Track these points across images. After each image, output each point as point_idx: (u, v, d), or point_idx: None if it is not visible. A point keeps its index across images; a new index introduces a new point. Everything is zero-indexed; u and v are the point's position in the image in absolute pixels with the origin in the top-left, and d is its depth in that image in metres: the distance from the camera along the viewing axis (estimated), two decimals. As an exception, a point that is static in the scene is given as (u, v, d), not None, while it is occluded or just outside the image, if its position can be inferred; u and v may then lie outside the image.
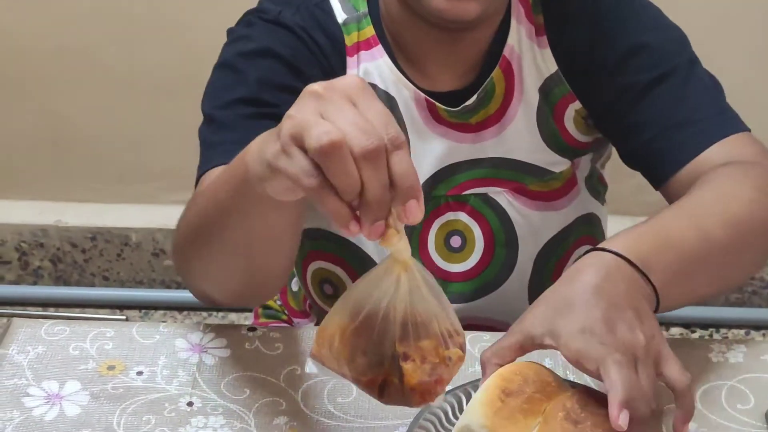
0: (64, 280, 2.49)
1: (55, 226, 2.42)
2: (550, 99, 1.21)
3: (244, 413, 1.03)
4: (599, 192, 1.34)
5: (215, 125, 1.15)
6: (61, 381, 1.06)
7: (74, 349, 1.10)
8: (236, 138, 1.11)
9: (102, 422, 1.01)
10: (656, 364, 0.88)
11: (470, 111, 1.21)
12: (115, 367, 1.08)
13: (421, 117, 1.21)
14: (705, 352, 1.11)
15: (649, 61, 1.17)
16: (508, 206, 1.26)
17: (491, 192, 1.25)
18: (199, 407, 1.03)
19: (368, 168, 0.74)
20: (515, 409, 0.87)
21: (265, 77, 1.14)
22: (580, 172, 1.29)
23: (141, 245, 2.42)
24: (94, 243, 2.43)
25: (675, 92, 1.16)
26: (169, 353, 1.10)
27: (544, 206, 1.27)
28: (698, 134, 1.14)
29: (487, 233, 1.26)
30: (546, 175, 1.25)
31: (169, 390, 1.05)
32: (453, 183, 1.24)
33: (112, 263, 2.46)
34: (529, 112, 1.22)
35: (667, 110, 1.16)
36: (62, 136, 2.37)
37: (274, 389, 1.06)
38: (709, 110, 1.16)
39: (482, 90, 1.20)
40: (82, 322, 1.15)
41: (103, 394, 1.04)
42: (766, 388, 1.07)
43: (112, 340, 1.12)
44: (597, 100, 1.21)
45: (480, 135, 1.22)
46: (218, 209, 0.97)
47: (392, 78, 1.20)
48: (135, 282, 2.48)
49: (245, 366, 1.08)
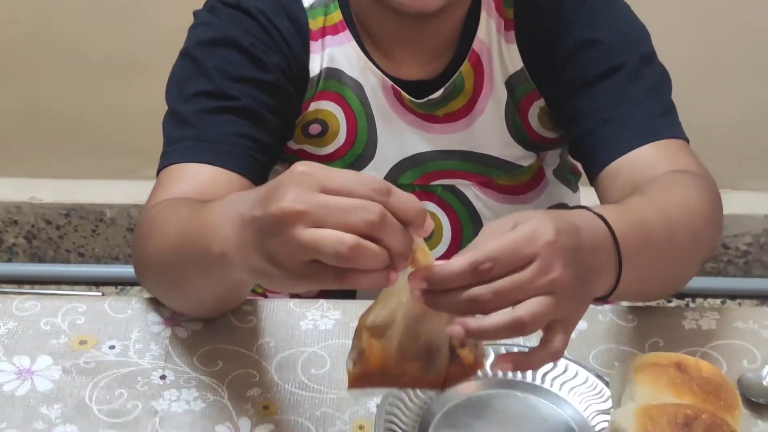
0: (39, 257, 2.47)
1: (29, 203, 2.40)
2: (516, 95, 1.21)
3: (217, 386, 1.02)
4: (570, 181, 1.34)
5: (177, 119, 1.15)
6: (33, 356, 1.05)
7: (45, 325, 1.09)
8: (196, 135, 1.12)
9: (74, 396, 1.00)
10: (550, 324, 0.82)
11: (436, 104, 1.20)
12: (87, 341, 1.07)
13: (389, 104, 1.20)
14: (678, 320, 1.12)
15: (597, 57, 1.16)
16: (475, 199, 1.26)
17: (459, 184, 1.25)
18: (172, 380, 1.03)
19: (384, 234, 0.76)
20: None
21: (223, 68, 1.14)
22: (548, 165, 1.29)
23: (116, 221, 2.40)
24: (68, 219, 2.42)
25: (618, 89, 1.15)
26: (142, 327, 1.09)
27: (512, 199, 1.27)
28: (632, 132, 1.13)
29: (455, 224, 1.26)
30: (514, 169, 1.25)
31: (141, 364, 1.05)
32: (420, 172, 1.24)
33: (87, 239, 2.44)
34: (498, 106, 1.21)
35: (606, 105, 1.15)
36: (36, 113, 2.35)
37: (247, 361, 1.05)
38: (650, 110, 1.15)
39: (450, 84, 1.19)
40: (54, 297, 1.14)
41: (75, 369, 1.04)
42: (739, 354, 1.07)
43: (84, 315, 1.11)
44: (552, 94, 1.20)
45: (449, 127, 1.22)
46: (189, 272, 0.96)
47: (359, 64, 1.19)
48: (110, 258, 2.47)
49: (218, 339, 1.08)
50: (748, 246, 2.41)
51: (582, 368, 1.02)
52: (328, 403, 1.01)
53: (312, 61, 1.18)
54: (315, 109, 1.19)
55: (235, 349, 1.06)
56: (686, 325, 1.11)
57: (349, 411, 1.00)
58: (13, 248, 2.46)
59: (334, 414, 0.99)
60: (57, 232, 2.43)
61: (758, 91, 2.27)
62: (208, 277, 0.93)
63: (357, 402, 1.01)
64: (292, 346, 1.07)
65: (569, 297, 0.81)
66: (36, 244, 2.45)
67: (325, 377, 1.04)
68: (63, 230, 2.43)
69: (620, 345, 1.08)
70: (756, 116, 2.30)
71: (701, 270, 2.40)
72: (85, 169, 2.40)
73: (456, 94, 1.19)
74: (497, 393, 1.02)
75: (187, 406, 1.00)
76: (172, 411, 0.99)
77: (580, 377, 1.02)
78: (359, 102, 1.20)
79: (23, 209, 2.40)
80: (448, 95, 1.19)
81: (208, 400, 1.01)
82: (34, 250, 2.46)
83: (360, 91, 1.19)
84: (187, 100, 1.14)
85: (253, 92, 1.13)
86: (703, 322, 1.11)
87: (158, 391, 1.01)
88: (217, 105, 1.12)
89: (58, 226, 2.42)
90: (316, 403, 1.00)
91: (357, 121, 1.20)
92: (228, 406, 1.00)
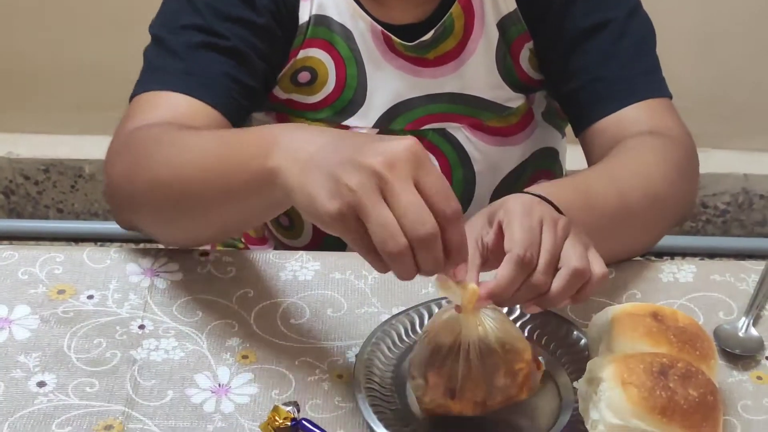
0: (17, 213, 2.46)
1: (7, 158, 2.38)
2: (507, 36, 1.21)
3: (197, 335, 1.02)
4: (559, 125, 1.35)
5: (162, 48, 1.14)
6: (10, 305, 1.05)
7: (23, 274, 1.09)
8: (180, 68, 1.11)
9: (52, 345, 1.00)
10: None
11: (427, 46, 1.19)
12: (65, 291, 1.07)
13: (378, 49, 1.19)
14: (656, 273, 1.12)
15: (586, 8, 1.18)
16: (465, 142, 1.25)
17: (449, 127, 1.25)
18: (151, 330, 1.03)
19: (422, 251, 0.80)
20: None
21: (215, 6, 1.13)
22: (536, 107, 1.29)
23: (95, 176, 2.39)
24: (47, 175, 2.40)
25: (606, 47, 1.18)
26: (120, 277, 1.09)
27: (501, 141, 1.27)
28: (619, 92, 1.17)
29: (445, 167, 1.26)
30: (503, 111, 1.25)
31: (120, 313, 1.05)
32: (411, 117, 1.23)
33: (66, 195, 2.43)
34: (489, 48, 1.21)
35: (595, 63, 1.18)
36: (15, 66, 2.32)
37: (227, 312, 1.05)
38: (636, 69, 1.18)
39: (440, 26, 1.18)
40: (31, 247, 1.14)
41: (54, 318, 1.03)
42: (716, 306, 1.08)
43: (62, 264, 1.10)
44: (543, 42, 1.21)
45: (438, 70, 1.21)
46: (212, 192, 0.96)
47: (348, 10, 1.18)
48: (90, 214, 2.46)
49: (197, 289, 1.07)
50: (726, 205, 2.43)
51: (559, 318, 1.03)
52: (307, 353, 1.01)
53: (301, 8, 1.17)
54: (304, 56, 1.19)
55: (215, 300, 1.06)
56: (663, 278, 1.11)
57: (328, 360, 1.00)
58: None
59: (313, 363, 1.00)
60: (35, 187, 2.42)
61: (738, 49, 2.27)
62: (241, 199, 0.93)
63: (336, 352, 1.01)
64: (271, 297, 1.07)
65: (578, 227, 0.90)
66: (14, 200, 2.44)
67: (303, 327, 1.04)
68: (42, 186, 2.42)
69: (598, 297, 1.08)
70: (734, 74, 2.30)
71: (679, 229, 2.41)
72: (64, 124, 2.38)
73: (446, 35, 1.19)
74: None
75: (166, 355, 1.00)
76: (150, 360, 0.99)
77: (558, 327, 1.02)
78: (348, 49, 1.19)
79: (1, 164, 2.38)
80: (439, 37, 1.19)
81: (187, 350, 1.01)
82: (12, 205, 2.45)
83: (349, 38, 1.18)
84: (175, 32, 1.13)
85: (243, 33, 1.13)
86: (681, 275, 1.12)
87: (137, 341, 1.01)
88: (205, 40, 1.12)
89: (36, 181, 2.41)
90: (295, 353, 1.01)
91: (346, 68, 1.20)
92: (207, 356, 1.00)
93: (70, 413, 0.93)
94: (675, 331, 0.92)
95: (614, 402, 0.86)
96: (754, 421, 0.96)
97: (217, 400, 0.95)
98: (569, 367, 0.99)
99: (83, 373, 0.98)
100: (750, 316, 1.06)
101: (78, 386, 0.96)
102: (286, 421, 0.91)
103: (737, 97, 2.33)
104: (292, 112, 1.23)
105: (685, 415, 0.86)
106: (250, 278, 1.10)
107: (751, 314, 1.06)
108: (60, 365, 0.98)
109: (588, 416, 0.90)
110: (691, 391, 0.86)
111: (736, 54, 2.28)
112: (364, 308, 1.06)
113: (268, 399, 0.96)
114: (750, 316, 1.06)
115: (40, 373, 0.97)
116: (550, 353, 1.01)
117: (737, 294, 1.10)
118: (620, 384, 0.87)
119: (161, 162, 1.00)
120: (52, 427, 0.92)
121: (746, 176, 2.39)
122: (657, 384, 0.86)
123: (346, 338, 1.03)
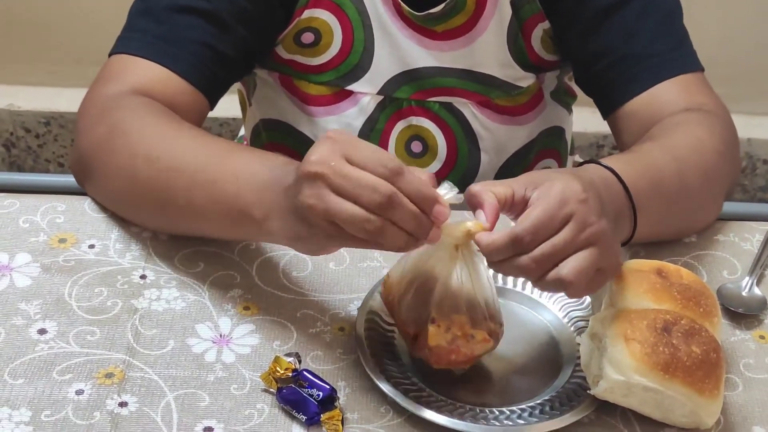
0: (18, 166, 2.45)
1: (8, 110, 2.37)
2: (520, 15, 1.19)
3: (198, 286, 1.02)
4: (567, 103, 1.34)
5: (144, 7, 1.13)
6: (11, 253, 1.04)
7: (24, 222, 1.08)
8: (158, 31, 1.10)
9: (53, 293, 1.00)
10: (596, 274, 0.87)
11: (435, 18, 1.17)
12: (66, 240, 1.06)
13: (387, 14, 1.18)
14: (660, 232, 1.12)
15: None
16: (472, 119, 1.24)
17: (456, 102, 1.23)
18: (153, 280, 1.02)
19: (394, 213, 0.82)
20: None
21: None
22: (546, 86, 1.28)
23: (96, 130, 2.38)
24: (48, 128, 2.39)
25: (631, 23, 1.14)
26: (122, 227, 1.08)
27: (509, 120, 1.26)
28: (650, 69, 1.13)
29: (451, 142, 1.25)
30: (513, 90, 1.24)
31: (121, 263, 1.04)
32: (417, 87, 1.22)
33: (67, 149, 2.42)
34: (501, 26, 1.19)
35: (621, 41, 1.14)
36: (16, 18, 2.31)
37: (229, 263, 1.05)
38: (664, 45, 1.14)
39: (451, 1, 1.16)
40: (32, 195, 1.13)
41: (55, 266, 1.03)
42: (720, 265, 1.08)
43: (63, 213, 1.10)
44: (562, 22, 1.19)
45: (447, 44, 1.19)
46: (193, 213, 0.99)
47: None
48: (91, 168, 2.45)
49: (199, 241, 1.07)
50: (729, 170, 2.42)
51: (563, 275, 1.03)
52: (309, 305, 1.00)
53: None
54: (309, 16, 1.17)
55: (217, 251, 1.06)
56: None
57: (329, 313, 1.00)
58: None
59: (315, 315, 0.99)
60: (36, 141, 2.41)
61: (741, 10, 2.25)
62: (230, 228, 0.98)
63: (338, 305, 1.01)
64: (273, 249, 1.06)
65: (609, 245, 0.86)
66: (15, 153, 2.43)
67: (306, 280, 1.03)
68: (42, 139, 2.40)
69: (601, 254, 1.07)
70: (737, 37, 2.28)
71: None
72: (65, 76, 2.37)
73: (456, 11, 1.17)
74: (478, 298, 1.03)
75: (167, 305, 1.00)
76: (152, 309, 0.99)
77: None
78: (356, 11, 1.17)
79: (2, 116, 2.37)
80: (448, 12, 1.17)
81: (188, 300, 1.00)
82: (13, 158, 2.44)
83: (358, 0, 1.17)
84: None
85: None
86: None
87: (138, 290, 1.01)
88: (186, 4, 1.10)
89: (37, 134, 2.40)
90: (297, 305, 1.00)
91: (353, 31, 1.18)
92: (208, 306, 1.00)
93: (71, 360, 0.93)
94: (679, 287, 0.92)
95: (616, 358, 0.86)
96: (756, 379, 0.96)
97: (218, 350, 0.95)
98: (572, 323, 0.99)
99: (84, 321, 0.97)
100: (754, 275, 1.05)
101: (79, 334, 0.96)
102: (287, 371, 0.91)
103: (740, 59, 2.31)
104: (295, 74, 1.22)
105: (687, 372, 0.85)
106: (252, 230, 1.09)
107: (754, 274, 1.06)
108: (61, 313, 0.98)
109: (590, 372, 0.90)
110: (694, 348, 0.86)
111: (739, 16, 2.26)
112: (366, 262, 1.06)
113: (270, 350, 0.95)
114: (754, 275, 1.05)
115: (41, 320, 0.97)
116: (552, 309, 1.00)
117: (741, 254, 1.09)
118: (623, 340, 0.86)
119: (145, 149, 1.01)
120: (53, 374, 0.92)
121: (749, 141, 2.38)
122: (660, 340, 0.86)
123: (348, 291, 1.02)
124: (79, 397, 0.90)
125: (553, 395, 0.92)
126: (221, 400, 0.91)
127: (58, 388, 0.91)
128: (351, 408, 0.91)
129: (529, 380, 0.95)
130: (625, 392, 0.87)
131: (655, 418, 0.89)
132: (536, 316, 1.01)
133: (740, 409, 0.93)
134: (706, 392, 0.86)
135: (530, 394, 0.93)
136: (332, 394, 0.89)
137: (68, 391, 0.90)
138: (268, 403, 0.91)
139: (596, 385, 0.88)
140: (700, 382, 0.86)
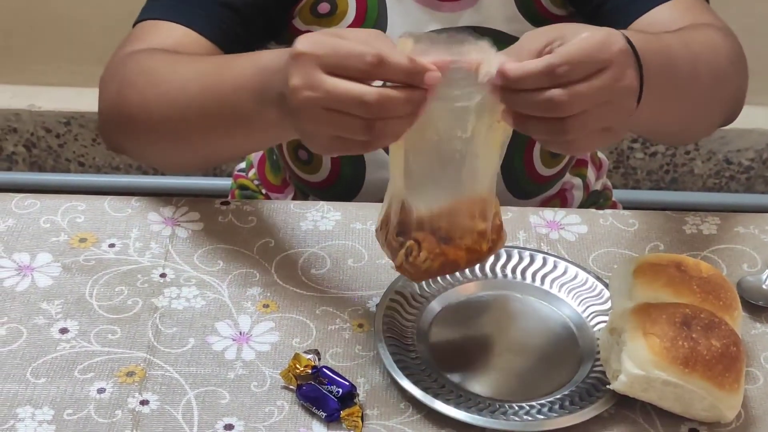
0: (39, 166, 2.46)
1: (29, 111, 2.38)
2: None
3: (218, 284, 1.02)
4: None
5: None
6: (32, 253, 1.05)
7: (45, 222, 1.09)
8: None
9: (74, 293, 1.01)
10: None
11: None
12: (86, 239, 1.07)
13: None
14: (679, 225, 1.11)
15: None
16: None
17: None
18: (173, 278, 1.03)
19: (387, 73, 0.81)
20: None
21: None
22: None
23: (116, 130, 2.39)
24: (68, 128, 2.40)
25: None
26: (142, 226, 1.09)
27: None
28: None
29: None
30: None
31: (141, 262, 1.05)
32: None
33: (87, 149, 2.43)
34: None
35: None
36: (37, 18, 2.32)
37: (248, 261, 1.05)
38: None
39: None
40: (53, 195, 1.14)
41: (75, 266, 1.04)
42: (740, 258, 1.07)
43: (83, 213, 1.11)
44: None
45: (458, 4, 1.19)
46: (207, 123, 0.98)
47: None
48: (111, 168, 2.46)
49: (218, 239, 1.07)
50: (750, 161, 2.40)
51: (581, 270, 1.03)
52: (328, 302, 1.01)
53: None
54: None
55: (236, 249, 1.06)
56: (687, 230, 1.11)
57: (348, 310, 1.00)
58: (13, 157, 2.45)
59: (334, 312, 1.00)
60: (57, 140, 2.42)
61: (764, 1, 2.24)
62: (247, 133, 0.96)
63: (356, 301, 1.01)
64: (292, 247, 1.07)
65: (630, 106, 0.84)
66: (36, 153, 2.44)
67: (325, 277, 1.04)
68: (63, 139, 2.42)
69: (620, 249, 1.07)
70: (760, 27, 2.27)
71: (702, 185, 2.39)
72: (86, 76, 2.38)
73: None
74: (497, 294, 1.03)
75: (187, 303, 1.00)
76: (172, 308, 1.00)
77: (580, 279, 1.02)
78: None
79: (22, 117, 2.38)
80: None
81: (208, 298, 1.01)
82: (34, 158, 2.45)
83: None
84: None
85: None
86: (704, 227, 1.11)
87: (158, 289, 1.02)
88: None
89: (58, 134, 2.41)
90: (316, 302, 1.01)
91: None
92: (228, 304, 1.00)
93: (93, 360, 0.94)
94: (698, 281, 0.92)
95: (636, 352, 0.86)
96: (777, 373, 0.95)
97: (238, 348, 0.96)
98: (591, 317, 0.99)
99: (105, 320, 0.98)
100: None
101: (100, 333, 0.97)
102: (307, 368, 0.91)
103: (763, 50, 2.29)
104: None
105: (707, 366, 0.85)
106: (270, 228, 1.09)
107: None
108: (82, 312, 0.99)
109: (609, 366, 0.90)
110: (714, 342, 0.86)
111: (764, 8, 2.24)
112: (384, 258, 1.05)
113: (289, 347, 0.96)
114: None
115: (63, 319, 0.98)
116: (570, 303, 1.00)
117: (761, 246, 1.09)
118: (642, 334, 0.86)
119: (153, 92, 1.03)
120: (75, 373, 0.92)
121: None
122: (679, 334, 0.86)
123: (367, 288, 1.02)
124: (101, 395, 0.91)
125: (572, 390, 0.92)
126: (241, 398, 0.91)
127: (80, 387, 0.91)
128: (371, 404, 0.91)
129: (548, 375, 0.95)
130: (645, 387, 0.87)
131: (675, 412, 0.89)
132: (555, 311, 1.01)
133: (761, 402, 0.93)
134: (726, 386, 0.86)
135: (549, 389, 0.93)
136: (352, 391, 0.90)
137: (90, 390, 0.91)
138: (288, 400, 0.91)
139: (616, 380, 0.88)
140: (720, 375, 0.85)
